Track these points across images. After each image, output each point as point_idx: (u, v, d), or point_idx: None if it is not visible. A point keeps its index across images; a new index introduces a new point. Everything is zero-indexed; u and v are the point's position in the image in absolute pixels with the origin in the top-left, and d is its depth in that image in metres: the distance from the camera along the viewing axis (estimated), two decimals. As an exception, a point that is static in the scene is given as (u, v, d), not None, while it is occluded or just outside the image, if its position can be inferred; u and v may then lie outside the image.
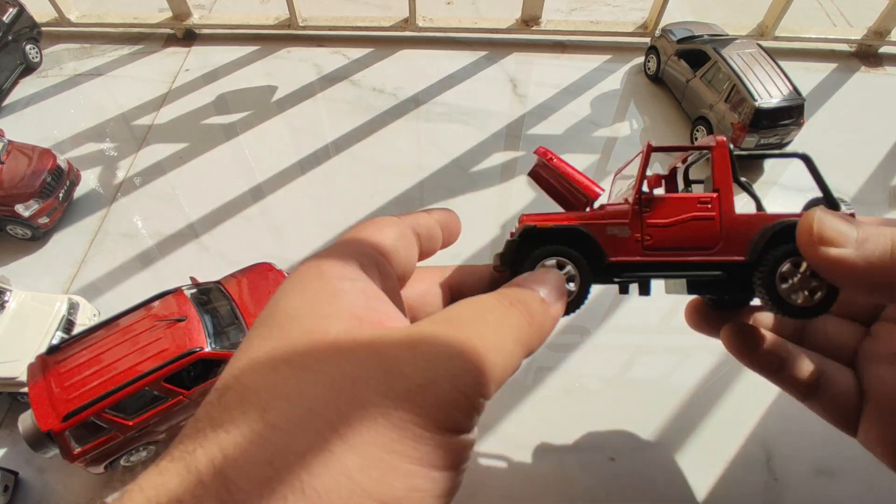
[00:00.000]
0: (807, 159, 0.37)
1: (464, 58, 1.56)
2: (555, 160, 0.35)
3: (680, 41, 1.43)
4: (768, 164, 1.34)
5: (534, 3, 1.54)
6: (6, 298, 0.95)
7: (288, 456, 0.19)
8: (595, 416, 0.80)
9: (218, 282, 0.96)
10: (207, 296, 0.93)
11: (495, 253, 0.36)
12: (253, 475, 0.18)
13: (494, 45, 1.60)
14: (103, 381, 0.79)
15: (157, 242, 1.14)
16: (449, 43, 1.60)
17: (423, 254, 0.33)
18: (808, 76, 1.48)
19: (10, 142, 1.17)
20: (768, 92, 1.22)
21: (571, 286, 0.32)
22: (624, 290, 0.36)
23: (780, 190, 1.25)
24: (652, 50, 1.50)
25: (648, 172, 0.35)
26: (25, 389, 0.84)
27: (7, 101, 1.45)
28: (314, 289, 0.25)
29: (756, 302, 0.36)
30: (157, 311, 0.88)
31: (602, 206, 0.36)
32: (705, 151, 0.36)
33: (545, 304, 0.27)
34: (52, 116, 1.42)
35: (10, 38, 1.46)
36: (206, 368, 0.84)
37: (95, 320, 0.99)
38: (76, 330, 0.95)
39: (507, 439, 0.75)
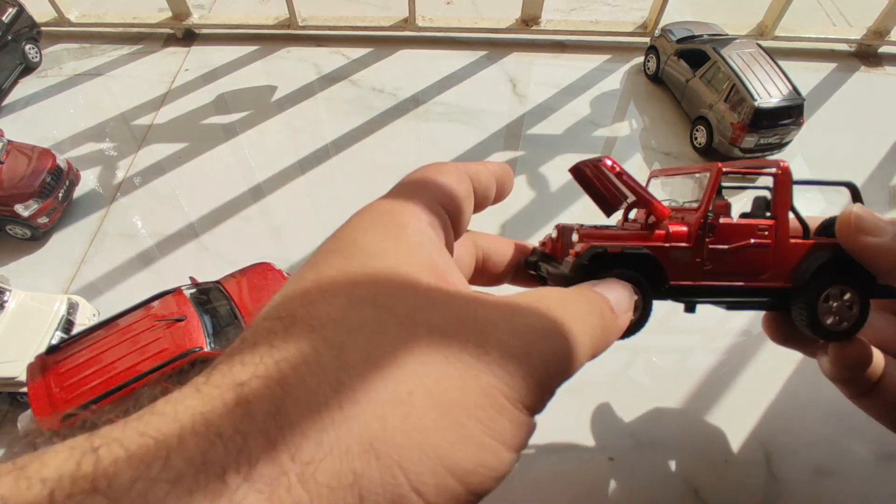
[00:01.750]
0: (852, 187, 0.39)
1: (464, 58, 1.56)
2: (625, 177, 0.34)
3: (679, 41, 1.43)
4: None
5: (533, 3, 1.54)
6: (5, 298, 0.95)
7: (359, 396, 0.17)
8: (595, 416, 0.80)
9: (217, 282, 0.96)
10: (207, 296, 0.93)
11: (528, 259, 0.36)
12: (310, 404, 0.16)
13: (494, 45, 1.60)
14: (103, 381, 0.79)
15: (156, 242, 1.14)
16: (449, 43, 1.60)
17: (476, 208, 0.32)
18: (807, 76, 1.48)
19: (9, 142, 1.17)
20: (768, 92, 1.22)
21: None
22: (690, 308, 0.36)
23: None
24: (652, 50, 1.50)
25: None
26: (25, 389, 0.84)
27: (6, 101, 1.45)
28: (395, 235, 0.23)
29: None
30: (157, 310, 0.88)
31: (654, 223, 0.35)
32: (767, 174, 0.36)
33: (614, 314, 0.27)
34: (51, 116, 1.42)
35: (9, 38, 1.46)
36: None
37: (95, 320, 0.99)
38: (76, 330, 0.95)
39: (506, 439, 0.75)
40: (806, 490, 0.72)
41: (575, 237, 0.33)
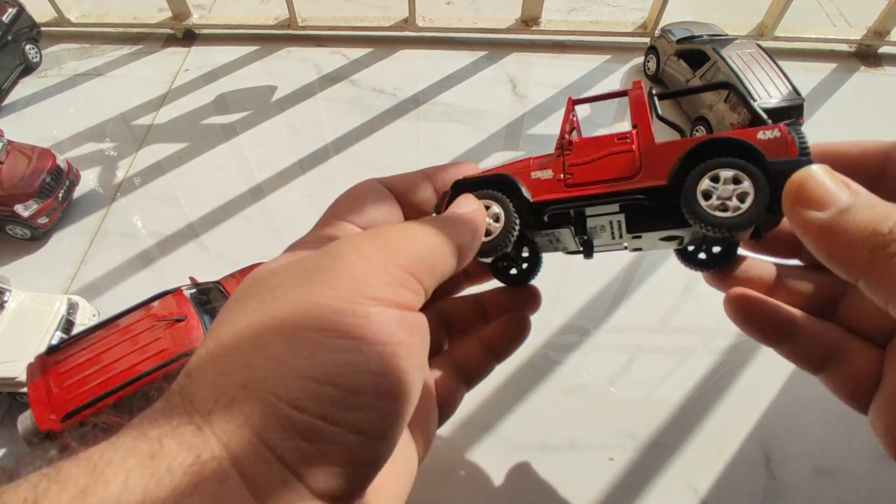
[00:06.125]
0: (733, 87, 0.42)
1: (464, 58, 1.56)
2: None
3: (679, 41, 1.43)
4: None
5: (534, 3, 1.54)
6: (5, 298, 0.95)
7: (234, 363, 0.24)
8: (595, 416, 0.80)
9: (217, 282, 0.96)
10: (207, 296, 0.93)
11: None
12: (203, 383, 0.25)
13: (494, 45, 1.60)
14: (103, 381, 0.79)
15: (156, 242, 1.14)
16: (449, 43, 1.60)
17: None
18: (807, 76, 1.48)
19: (9, 142, 1.17)
20: (768, 92, 1.22)
21: (497, 225, 0.36)
22: (588, 254, 0.39)
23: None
24: (651, 50, 1.50)
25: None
26: (24, 389, 0.84)
27: (7, 101, 1.45)
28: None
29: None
30: (157, 311, 0.88)
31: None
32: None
33: (455, 215, 0.33)
34: (51, 116, 1.42)
35: (9, 38, 1.46)
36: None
37: (95, 320, 0.99)
38: (76, 330, 0.95)
39: (505, 439, 0.75)
40: (805, 490, 0.72)
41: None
